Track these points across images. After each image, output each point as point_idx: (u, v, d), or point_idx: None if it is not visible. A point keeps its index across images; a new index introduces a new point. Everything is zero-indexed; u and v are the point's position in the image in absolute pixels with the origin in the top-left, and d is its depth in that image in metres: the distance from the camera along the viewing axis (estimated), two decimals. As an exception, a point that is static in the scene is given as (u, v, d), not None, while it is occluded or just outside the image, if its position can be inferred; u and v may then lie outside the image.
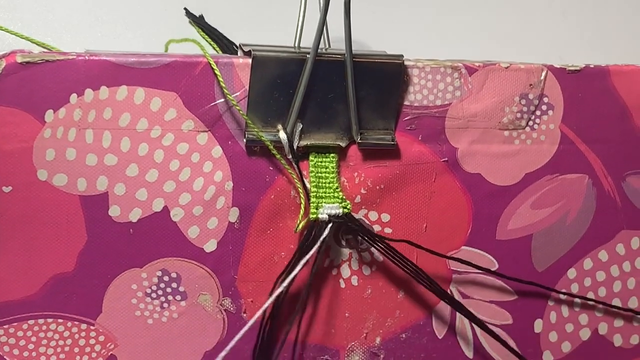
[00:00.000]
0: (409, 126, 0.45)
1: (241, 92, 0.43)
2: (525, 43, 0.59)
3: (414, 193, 0.46)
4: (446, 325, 0.47)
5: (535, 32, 0.60)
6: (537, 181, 0.47)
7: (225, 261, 0.44)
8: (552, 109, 0.47)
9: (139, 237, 0.43)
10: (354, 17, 0.43)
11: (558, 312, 0.48)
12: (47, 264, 0.42)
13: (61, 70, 0.41)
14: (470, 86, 0.46)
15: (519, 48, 0.59)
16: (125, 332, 0.43)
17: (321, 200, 0.44)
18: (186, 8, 0.55)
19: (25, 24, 0.52)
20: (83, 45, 0.53)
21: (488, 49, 0.59)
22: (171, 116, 0.42)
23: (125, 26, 0.54)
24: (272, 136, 0.43)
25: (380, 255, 0.46)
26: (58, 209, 0.42)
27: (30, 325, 0.42)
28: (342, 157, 0.45)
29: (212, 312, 0.44)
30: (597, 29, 0.61)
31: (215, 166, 0.43)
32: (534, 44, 0.59)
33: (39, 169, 0.41)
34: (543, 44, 0.60)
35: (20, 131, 0.41)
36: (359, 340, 0.46)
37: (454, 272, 0.47)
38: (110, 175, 0.42)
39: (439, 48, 0.58)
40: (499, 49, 0.59)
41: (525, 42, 0.59)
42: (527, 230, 0.47)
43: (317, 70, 0.43)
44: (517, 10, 0.60)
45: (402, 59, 0.44)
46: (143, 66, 0.42)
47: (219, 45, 0.53)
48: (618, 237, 0.48)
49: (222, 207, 0.44)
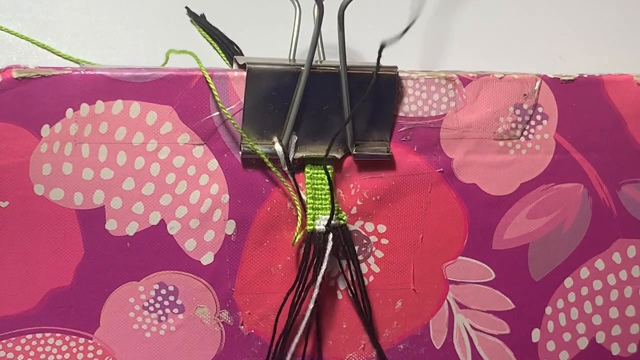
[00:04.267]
0: (404, 137, 0.46)
1: (236, 105, 0.43)
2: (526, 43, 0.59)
3: (410, 204, 0.46)
4: (444, 335, 0.47)
5: (535, 32, 0.60)
6: (532, 191, 0.47)
7: (222, 274, 0.44)
8: (547, 119, 0.47)
9: (136, 251, 0.43)
10: (348, 29, 0.43)
11: (555, 322, 0.48)
12: (45, 278, 0.42)
13: (57, 85, 0.41)
14: (465, 97, 0.46)
15: (519, 49, 0.59)
16: (123, 345, 0.44)
17: (317, 212, 0.44)
18: (187, 7, 0.55)
19: (25, 24, 0.52)
20: (83, 46, 0.53)
21: (488, 49, 0.59)
22: (167, 130, 0.42)
23: (125, 26, 0.54)
24: (267, 149, 0.43)
25: (377, 266, 0.46)
26: (55, 224, 0.42)
27: (28, 339, 0.42)
28: (338, 169, 0.45)
29: (210, 325, 0.44)
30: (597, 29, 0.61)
31: (211, 179, 0.43)
32: (534, 44, 0.59)
33: (36, 184, 0.41)
34: (543, 44, 0.60)
35: (16, 146, 0.41)
36: (356, 351, 0.46)
37: (451, 282, 0.47)
38: (106, 189, 0.42)
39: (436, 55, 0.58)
40: (499, 50, 0.59)
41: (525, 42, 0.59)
42: (523, 239, 0.47)
43: (311, 83, 0.43)
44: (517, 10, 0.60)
45: (396, 71, 0.45)
46: (138, 80, 0.42)
47: (219, 45, 0.53)
48: (614, 246, 0.48)
49: (218, 220, 0.44)
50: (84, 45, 0.53)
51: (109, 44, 0.54)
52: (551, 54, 0.59)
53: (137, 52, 0.54)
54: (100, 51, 0.53)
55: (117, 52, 0.54)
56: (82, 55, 0.50)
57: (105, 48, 0.53)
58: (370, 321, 0.46)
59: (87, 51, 0.53)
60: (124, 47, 0.54)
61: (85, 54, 0.52)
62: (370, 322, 0.46)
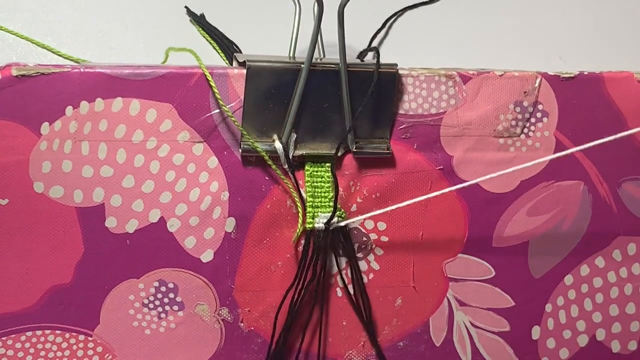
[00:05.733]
0: (404, 135, 0.46)
1: (236, 102, 0.43)
2: (526, 43, 0.59)
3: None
4: (443, 332, 0.47)
5: (535, 32, 0.60)
6: (532, 188, 0.47)
7: (222, 271, 0.44)
8: (547, 116, 0.47)
9: (136, 248, 0.43)
10: (348, 27, 0.43)
11: (555, 319, 0.48)
12: (45, 275, 0.42)
13: (56, 82, 0.41)
14: (465, 94, 0.46)
15: (519, 48, 0.59)
16: (123, 342, 0.44)
17: (317, 210, 0.44)
18: (187, 7, 0.55)
19: (25, 24, 0.52)
20: (83, 46, 0.53)
21: (488, 50, 0.59)
22: (167, 127, 0.43)
23: (125, 26, 0.54)
24: (267, 146, 0.43)
25: (377, 263, 0.46)
26: (55, 221, 0.42)
27: (28, 337, 0.42)
28: (338, 166, 0.45)
29: (210, 322, 0.44)
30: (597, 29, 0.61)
31: (211, 176, 0.43)
32: (534, 44, 0.59)
33: (35, 182, 0.41)
34: (543, 44, 0.60)
35: (16, 144, 0.41)
36: (356, 348, 0.46)
37: (451, 279, 0.47)
38: (106, 187, 0.42)
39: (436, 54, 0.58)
40: (499, 50, 0.59)
41: (525, 42, 0.59)
42: (523, 237, 0.47)
43: (311, 80, 0.43)
44: (517, 10, 0.60)
45: (396, 68, 0.45)
46: (138, 78, 0.42)
47: (218, 45, 0.53)
48: (614, 244, 0.48)
49: (218, 217, 0.44)
50: (84, 45, 0.53)
51: (109, 44, 0.54)
52: (551, 54, 0.59)
53: (137, 52, 0.54)
54: (100, 51, 0.53)
55: (117, 52, 0.54)
56: (82, 55, 0.50)
57: (105, 48, 0.53)
58: (369, 319, 0.46)
59: (87, 51, 0.53)
60: (124, 47, 0.54)
61: (85, 53, 0.52)
62: (369, 320, 0.46)
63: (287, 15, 0.49)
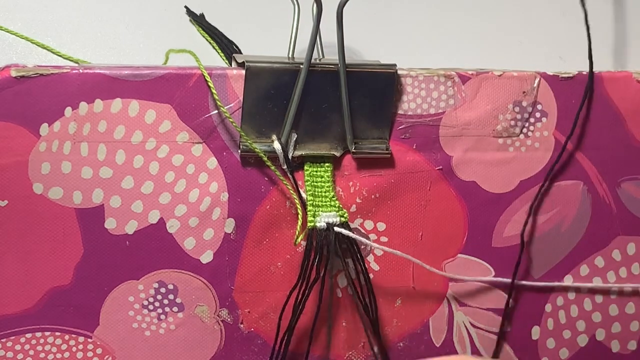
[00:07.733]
0: (403, 135, 0.46)
1: (235, 103, 0.43)
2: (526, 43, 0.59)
3: (409, 201, 0.46)
4: (443, 333, 0.47)
5: (535, 32, 0.60)
6: (532, 188, 0.47)
7: (222, 272, 0.44)
8: (546, 116, 0.47)
9: (136, 249, 0.43)
10: (347, 27, 0.43)
11: (555, 319, 0.48)
12: (44, 277, 0.42)
13: (55, 83, 0.41)
14: (464, 94, 0.46)
15: (519, 48, 0.59)
16: (123, 344, 0.43)
17: (318, 209, 0.44)
18: (187, 7, 0.55)
19: (25, 24, 0.52)
20: (83, 46, 0.53)
21: (488, 50, 0.59)
22: (166, 128, 0.42)
23: (125, 26, 0.54)
24: (266, 147, 0.43)
25: (377, 264, 0.46)
26: (54, 222, 0.42)
27: (27, 338, 0.42)
28: (337, 167, 0.45)
29: (210, 323, 0.44)
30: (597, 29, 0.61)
31: (210, 177, 0.43)
32: (534, 44, 0.59)
33: (35, 183, 0.41)
34: (543, 44, 0.60)
35: (15, 145, 0.41)
36: (356, 349, 0.46)
37: (451, 280, 0.47)
38: (105, 188, 0.42)
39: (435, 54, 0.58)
40: (499, 50, 0.59)
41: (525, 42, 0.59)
42: (523, 237, 0.47)
43: (310, 81, 0.43)
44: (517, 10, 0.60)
45: (395, 68, 0.45)
46: (137, 79, 0.42)
47: (218, 45, 0.53)
48: (614, 243, 0.48)
49: (217, 218, 0.44)
50: (84, 45, 0.53)
51: (109, 44, 0.54)
52: (551, 54, 0.59)
53: (137, 52, 0.54)
54: (100, 51, 0.53)
55: (117, 52, 0.54)
56: (82, 55, 0.50)
57: (105, 48, 0.53)
58: (375, 318, 0.46)
59: (87, 51, 0.53)
60: (124, 47, 0.54)
61: (85, 54, 0.52)
62: (375, 319, 0.46)
63: (286, 15, 0.49)
